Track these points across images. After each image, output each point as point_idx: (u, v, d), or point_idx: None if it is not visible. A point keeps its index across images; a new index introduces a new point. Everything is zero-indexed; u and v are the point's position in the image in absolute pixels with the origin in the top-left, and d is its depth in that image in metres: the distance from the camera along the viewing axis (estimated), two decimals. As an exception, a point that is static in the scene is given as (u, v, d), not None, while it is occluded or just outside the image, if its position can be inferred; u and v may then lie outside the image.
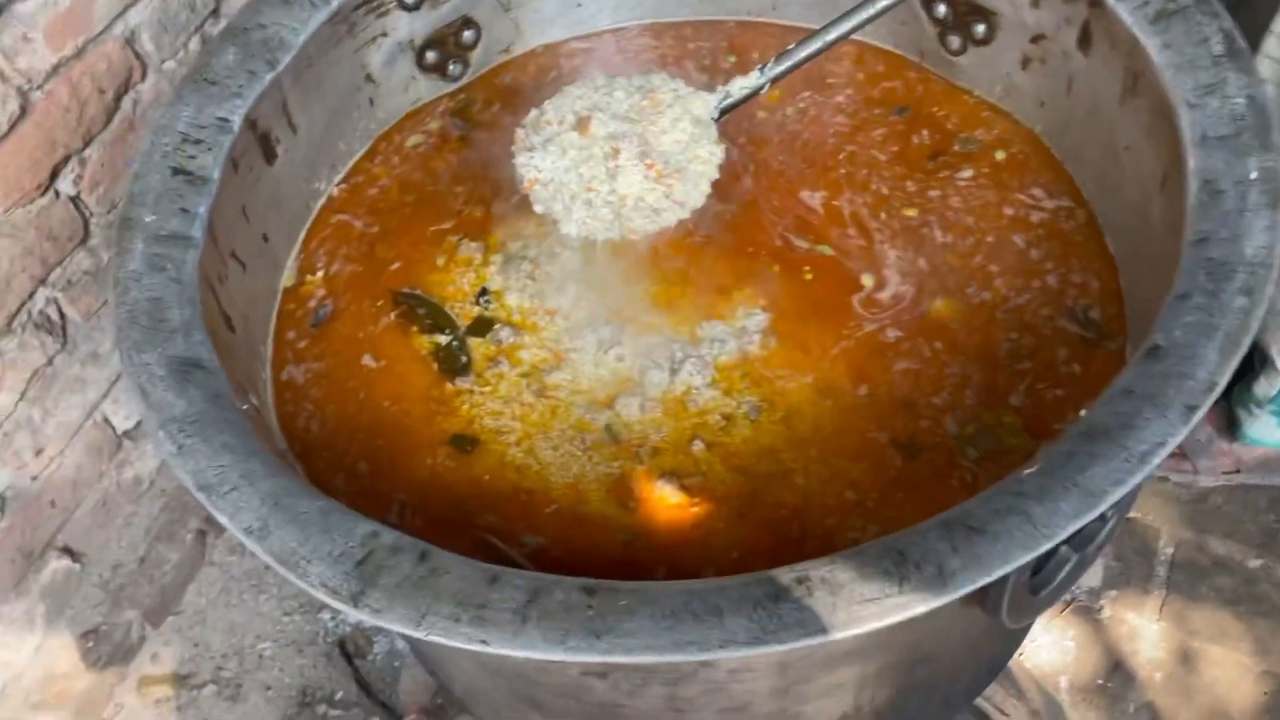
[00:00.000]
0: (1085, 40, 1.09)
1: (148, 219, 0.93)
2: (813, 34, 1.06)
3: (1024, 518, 0.70)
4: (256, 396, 0.98)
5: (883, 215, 1.14)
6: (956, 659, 0.98)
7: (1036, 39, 1.15)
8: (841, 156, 1.20)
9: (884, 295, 1.08)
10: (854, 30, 1.06)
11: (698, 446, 1.00)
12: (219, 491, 0.77)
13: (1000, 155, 1.19)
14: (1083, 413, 0.77)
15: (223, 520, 0.75)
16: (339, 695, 1.66)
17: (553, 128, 1.05)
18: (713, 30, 1.37)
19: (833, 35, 1.06)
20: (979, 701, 1.36)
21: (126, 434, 1.70)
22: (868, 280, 1.10)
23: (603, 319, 1.08)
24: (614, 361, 1.05)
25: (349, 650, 1.68)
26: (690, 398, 1.03)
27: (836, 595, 0.68)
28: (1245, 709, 1.53)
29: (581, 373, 1.05)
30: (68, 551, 1.64)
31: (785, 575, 0.70)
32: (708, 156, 1.06)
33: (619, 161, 1.02)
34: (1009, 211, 1.13)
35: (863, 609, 0.67)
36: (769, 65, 1.07)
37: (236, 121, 1.03)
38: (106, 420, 1.66)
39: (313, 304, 1.12)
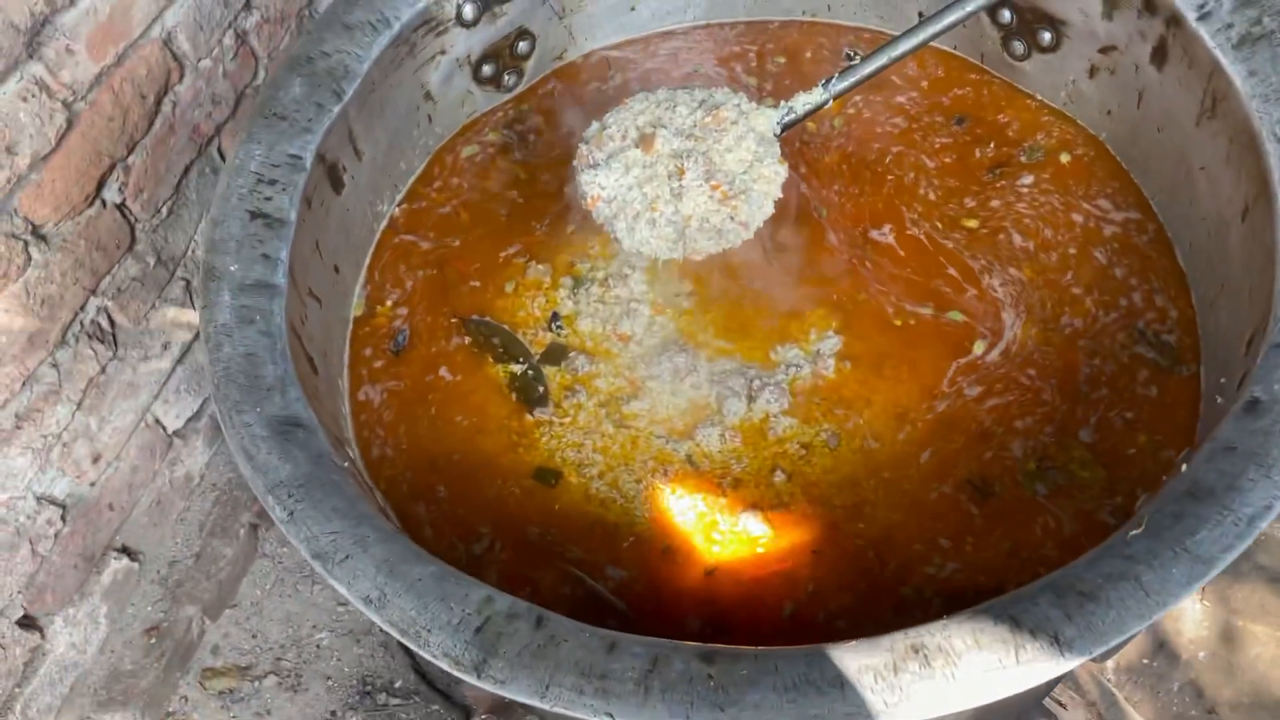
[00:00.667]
0: (1160, 56, 1.07)
1: (232, 268, 0.93)
2: (877, 49, 1.04)
3: (1135, 584, 0.71)
4: (344, 441, 0.99)
5: (953, 233, 1.14)
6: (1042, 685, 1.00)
7: (1106, 50, 1.14)
8: (901, 170, 1.19)
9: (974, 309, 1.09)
10: (921, 46, 1.04)
11: (779, 477, 1.01)
12: (334, 560, 0.78)
13: (1065, 158, 1.18)
14: (1184, 467, 0.78)
15: (340, 589, 0.77)
16: (398, 684, 1.70)
17: (615, 143, 1.04)
18: (764, 31, 1.35)
19: (899, 50, 1.05)
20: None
21: (177, 433, 1.72)
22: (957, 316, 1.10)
23: (676, 345, 1.08)
24: (690, 390, 1.06)
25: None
26: (769, 425, 1.04)
27: (954, 665, 0.69)
28: (1285, 686, 1.58)
29: (659, 402, 1.06)
30: (126, 551, 1.67)
31: (901, 642, 0.71)
32: (771, 176, 1.05)
33: (684, 181, 1.01)
34: (1078, 219, 1.13)
35: (981, 681, 0.69)
36: (832, 80, 1.06)
37: (309, 158, 1.02)
38: (158, 421, 1.67)
39: (389, 331, 1.12)
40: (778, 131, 1.05)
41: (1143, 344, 1.02)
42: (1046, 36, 1.17)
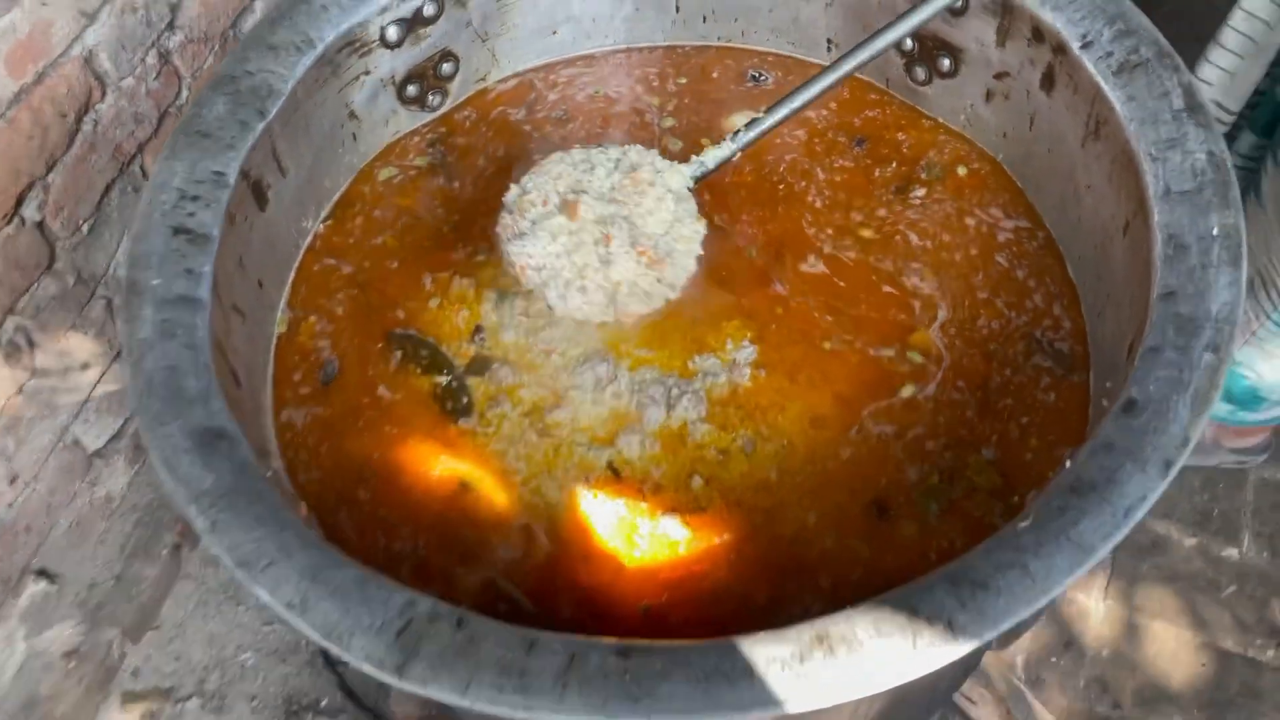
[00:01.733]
0: (1049, 82, 1.14)
1: (154, 282, 0.94)
2: (780, 100, 1.10)
3: (1023, 572, 0.76)
4: (268, 452, 1.00)
5: (857, 244, 1.20)
6: (947, 674, 1.06)
7: (1000, 76, 1.21)
8: (806, 189, 1.24)
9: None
10: (821, 94, 1.10)
11: (697, 482, 1.05)
12: (257, 567, 0.79)
13: (962, 171, 1.25)
14: (1068, 464, 0.83)
15: (263, 596, 0.78)
16: (325, 703, 1.70)
17: (538, 209, 1.08)
18: (679, 56, 1.40)
19: (798, 102, 1.11)
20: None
21: (97, 453, 1.70)
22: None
23: (598, 355, 1.11)
24: (612, 399, 1.09)
25: (332, 657, 1.71)
26: (688, 432, 1.07)
27: (857, 652, 0.73)
28: (1185, 679, 1.66)
29: (581, 411, 1.09)
30: (44, 574, 1.64)
31: (807, 632, 0.75)
32: (691, 235, 1.10)
33: (611, 249, 1.06)
34: (970, 223, 1.19)
35: (882, 666, 0.73)
36: (740, 133, 1.12)
37: (232, 174, 1.04)
38: (77, 442, 1.65)
39: (316, 356, 1.14)
40: (691, 185, 1.10)
41: (1039, 354, 1.08)
42: (946, 63, 1.24)
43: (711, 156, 1.11)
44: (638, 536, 1.02)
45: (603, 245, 1.04)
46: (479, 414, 1.08)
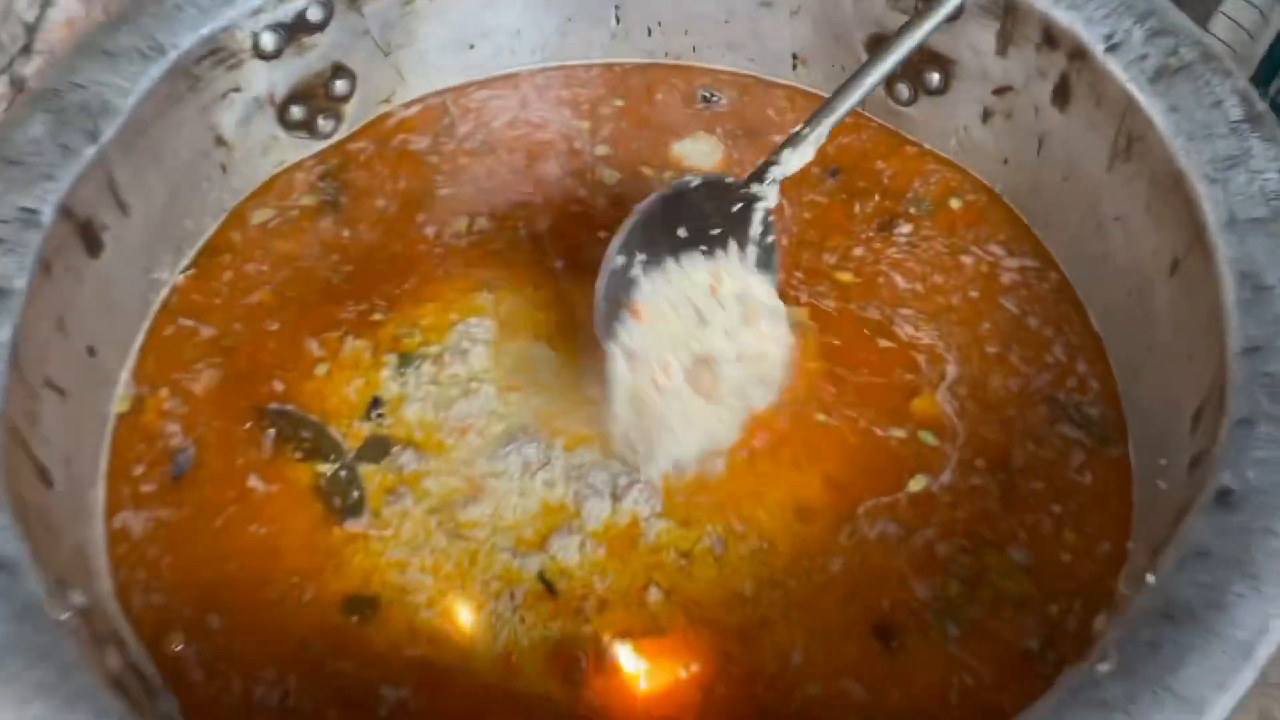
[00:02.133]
0: (1063, 95, 0.96)
1: (-78, 357, 0.70)
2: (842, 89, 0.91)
3: (1113, 739, 0.54)
4: (83, 577, 0.75)
5: (842, 293, 0.99)
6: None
7: (1001, 91, 1.02)
8: (781, 230, 1.04)
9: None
10: (843, 116, 0.91)
11: (654, 596, 0.82)
12: (30, 763, 0.55)
13: (956, 204, 1.06)
14: (1150, 579, 0.62)
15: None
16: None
17: (662, 380, 0.86)
18: (618, 74, 1.20)
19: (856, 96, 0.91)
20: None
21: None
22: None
23: (526, 433, 0.89)
24: (543, 488, 0.87)
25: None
26: (640, 531, 0.85)
27: None
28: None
29: (505, 505, 0.87)
30: None
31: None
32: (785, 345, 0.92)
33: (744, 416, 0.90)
34: (968, 261, 1.00)
35: None
36: (807, 129, 0.91)
37: (48, 212, 0.81)
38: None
39: (165, 442, 0.90)
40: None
41: (1065, 421, 0.89)
42: (934, 78, 1.05)
43: (792, 162, 0.91)
44: (578, 672, 0.79)
45: (740, 414, 0.89)
46: (372, 512, 0.85)
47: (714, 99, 1.17)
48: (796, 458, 0.88)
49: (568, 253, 1.02)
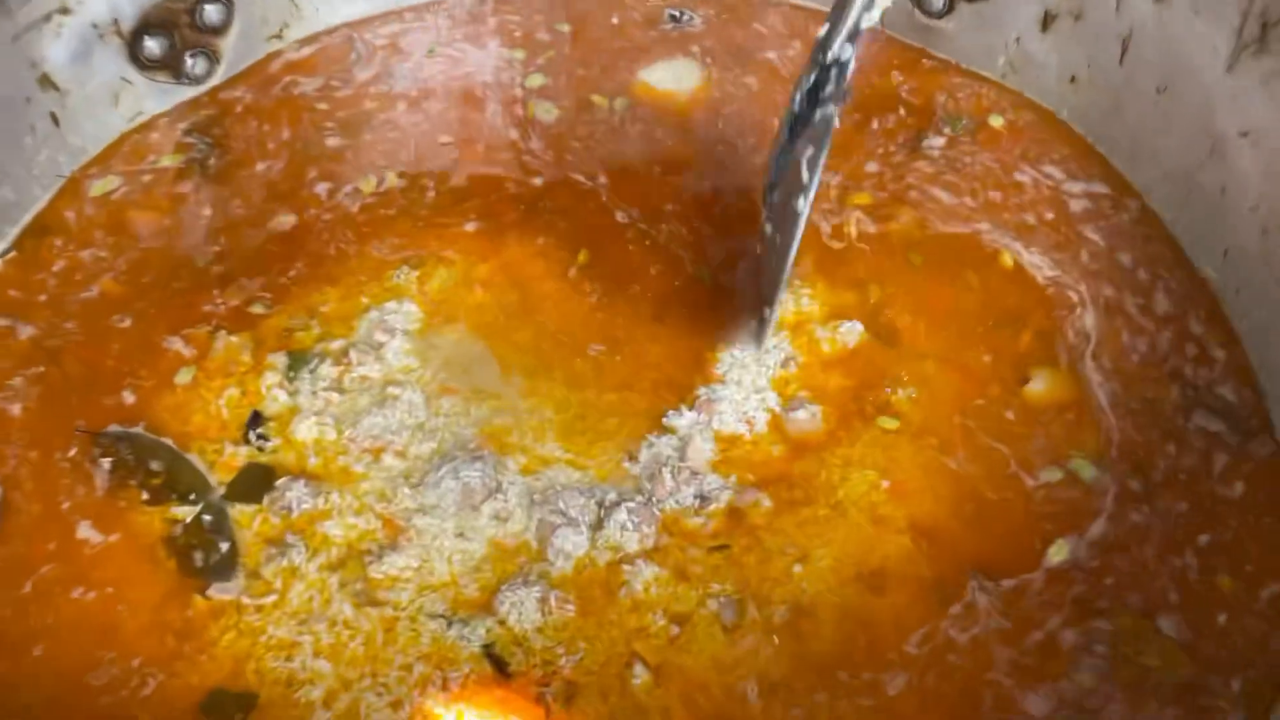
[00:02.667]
0: (1160, -24, 0.73)
1: None
2: None
3: None
4: None
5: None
6: None
7: (1070, -16, 0.79)
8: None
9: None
10: None
11: (639, 676, 0.58)
12: None
13: (997, 122, 0.86)
14: None
15: None
16: None
17: None
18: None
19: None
20: None
21: None
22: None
23: (466, 450, 0.65)
24: (492, 524, 0.64)
25: None
26: (621, 579, 0.61)
27: None
28: None
29: (436, 552, 0.64)
30: None
31: None
32: None
33: None
34: (1024, 179, 0.79)
35: None
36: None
37: None
38: None
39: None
40: None
41: (1201, 410, 0.67)
42: (978, -22, 0.82)
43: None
44: (540, 793, 0.55)
45: None
46: (248, 572, 0.61)
47: (684, 18, 0.93)
48: (877, 496, 0.64)
49: (499, 211, 0.78)
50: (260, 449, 0.69)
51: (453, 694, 0.60)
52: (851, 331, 0.72)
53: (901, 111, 0.87)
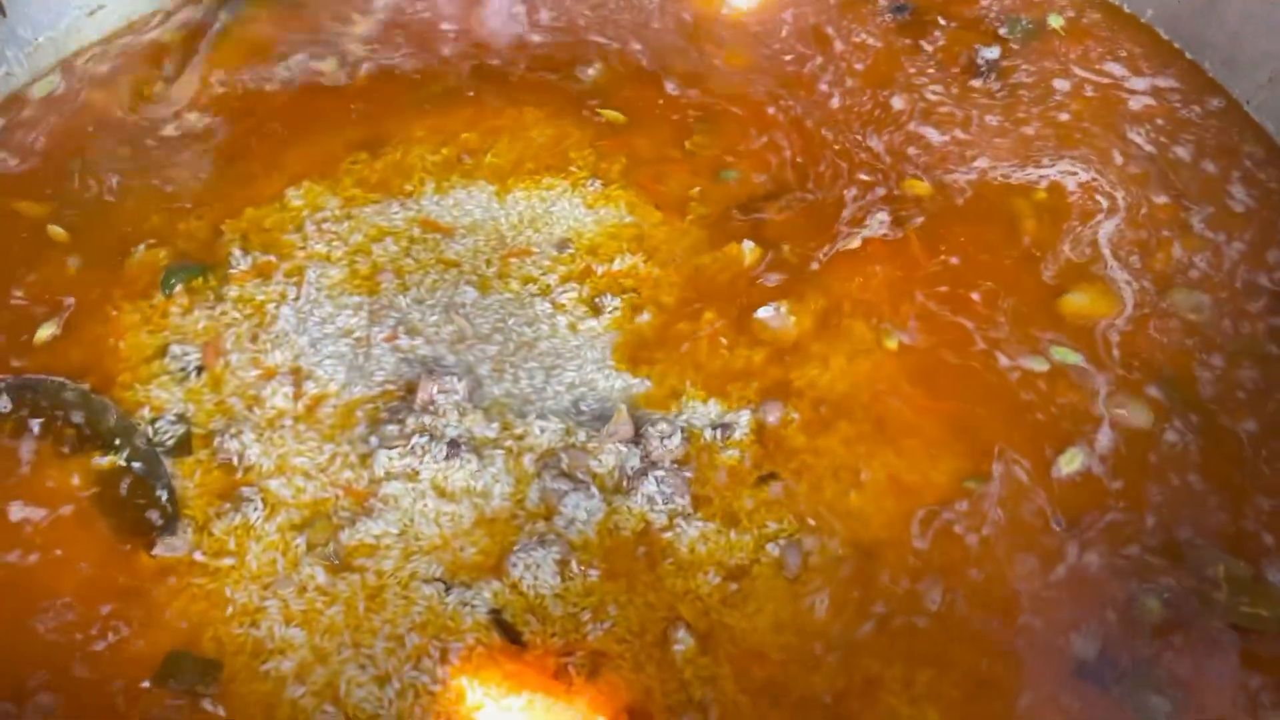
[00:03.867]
0: None
1: None
2: None
3: None
4: None
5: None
6: None
7: None
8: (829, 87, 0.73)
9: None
10: None
11: (681, 643, 0.49)
12: None
13: (1056, 22, 0.80)
14: None
15: None
16: None
17: None
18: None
19: None
20: None
21: None
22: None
23: (450, 371, 0.56)
24: (497, 470, 0.54)
25: None
26: (657, 531, 0.52)
27: None
28: None
29: (424, 506, 0.54)
30: None
31: None
32: None
33: None
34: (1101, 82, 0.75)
35: None
36: None
37: None
38: None
39: None
40: None
41: None
42: None
43: None
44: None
45: None
46: (198, 527, 0.49)
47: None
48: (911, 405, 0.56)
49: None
50: (192, 382, 0.57)
51: (454, 667, 0.50)
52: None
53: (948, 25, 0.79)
